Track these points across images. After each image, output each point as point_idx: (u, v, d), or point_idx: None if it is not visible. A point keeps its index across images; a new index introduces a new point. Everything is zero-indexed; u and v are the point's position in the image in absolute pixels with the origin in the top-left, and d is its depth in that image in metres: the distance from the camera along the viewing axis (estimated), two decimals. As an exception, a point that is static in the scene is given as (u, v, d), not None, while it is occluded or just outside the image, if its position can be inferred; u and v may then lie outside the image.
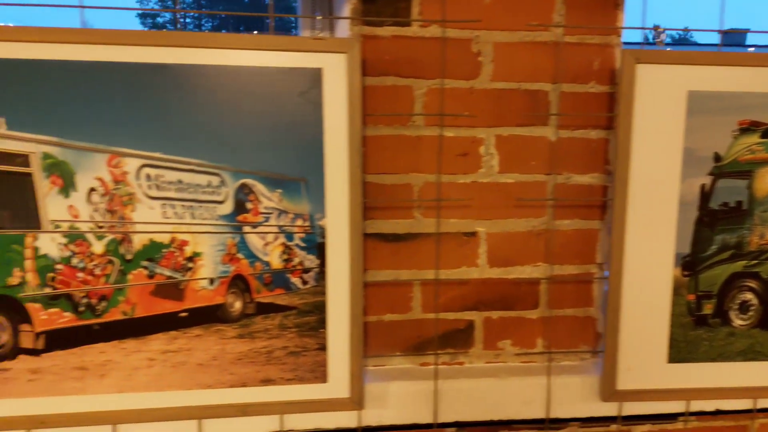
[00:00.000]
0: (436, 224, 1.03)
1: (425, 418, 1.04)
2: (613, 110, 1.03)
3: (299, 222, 0.92)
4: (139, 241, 0.88)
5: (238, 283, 0.92)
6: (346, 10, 0.95)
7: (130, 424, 0.96)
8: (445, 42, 0.97)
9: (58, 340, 0.88)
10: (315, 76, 0.88)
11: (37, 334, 0.87)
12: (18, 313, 0.86)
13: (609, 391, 1.04)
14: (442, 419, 1.05)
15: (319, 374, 0.95)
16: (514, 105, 1.01)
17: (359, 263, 0.93)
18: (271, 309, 0.94)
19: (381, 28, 0.96)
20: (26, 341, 0.87)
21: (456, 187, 1.03)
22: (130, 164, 0.86)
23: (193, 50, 0.84)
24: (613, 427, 1.12)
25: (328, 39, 0.86)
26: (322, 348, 0.95)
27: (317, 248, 0.93)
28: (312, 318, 0.94)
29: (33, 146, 0.83)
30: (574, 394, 1.07)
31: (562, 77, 1.01)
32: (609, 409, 1.09)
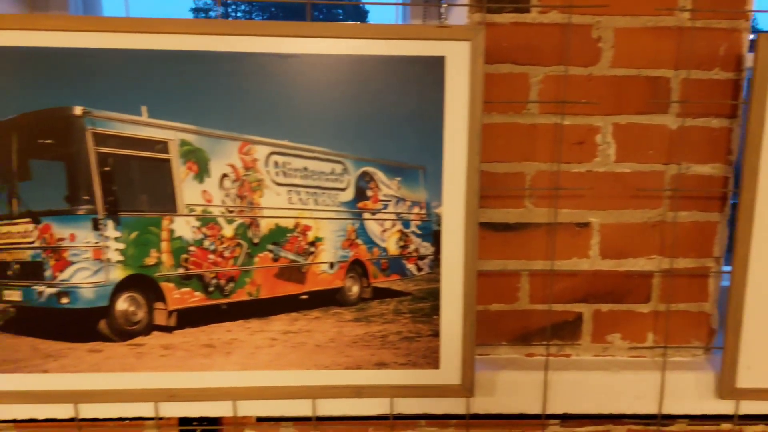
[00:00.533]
0: (549, 214, 1.02)
1: (533, 408, 1.04)
2: (737, 98, 0.98)
3: (416, 209, 0.93)
4: (265, 226, 0.92)
5: (356, 268, 0.95)
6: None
7: (250, 401, 1.00)
8: (568, 28, 0.95)
9: (188, 318, 0.93)
10: (437, 64, 0.88)
11: (170, 312, 0.92)
12: (153, 292, 0.91)
13: (728, 388, 1.00)
14: (549, 410, 1.04)
15: (432, 360, 0.97)
16: (633, 92, 0.98)
17: (474, 252, 0.93)
18: (386, 294, 0.95)
19: (499, 15, 0.95)
20: (160, 318, 0.92)
21: (570, 177, 1.01)
22: (260, 152, 0.89)
23: (319, 40, 0.86)
24: (724, 425, 1.08)
25: (452, 27, 0.86)
26: (435, 334, 0.96)
27: (433, 236, 0.94)
28: (426, 304, 0.95)
29: (172, 133, 0.87)
30: (688, 391, 1.04)
31: (684, 64, 0.97)
32: (722, 407, 1.05)
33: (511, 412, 1.04)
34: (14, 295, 0.90)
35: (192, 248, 0.91)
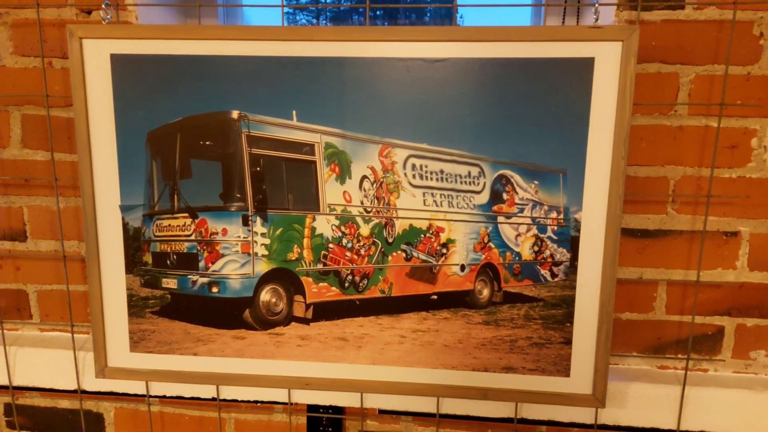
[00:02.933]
0: (693, 221, 0.97)
1: (666, 423, 0.99)
2: None
3: (553, 214, 0.91)
4: (400, 226, 0.94)
5: (487, 271, 0.95)
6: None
7: (378, 395, 1.03)
8: (726, 25, 0.89)
9: (324, 311, 0.97)
10: (585, 66, 0.85)
11: (308, 305, 0.97)
12: (294, 285, 0.96)
13: None
14: (684, 426, 0.99)
15: (562, 368, 0.95)
16: (797, 93, 0.90)
17: (614, 259, 0.90)
18: (517, 299, 0.95)
19: (650, 13, 0.90)
20: (298, 311, 0.97)
21: (720, 182, 0.95)
22: (399, 155, 0.91)
23: (466, 44, 0.86)
24: None
25: (605, 27, 0.83)
26: (567, 342, 0.94)
27: (569, 242, 0.92)
28: (559, 311, 0.93)
29: (318, 137, 0.91)
30: None
31: None
32: None
33: (642, 426, 1.00)
34: (171, 283, 0.98)
35: (331, 245, 0.95)
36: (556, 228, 0.92)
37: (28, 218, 1.10)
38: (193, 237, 0.96)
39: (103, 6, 0.93)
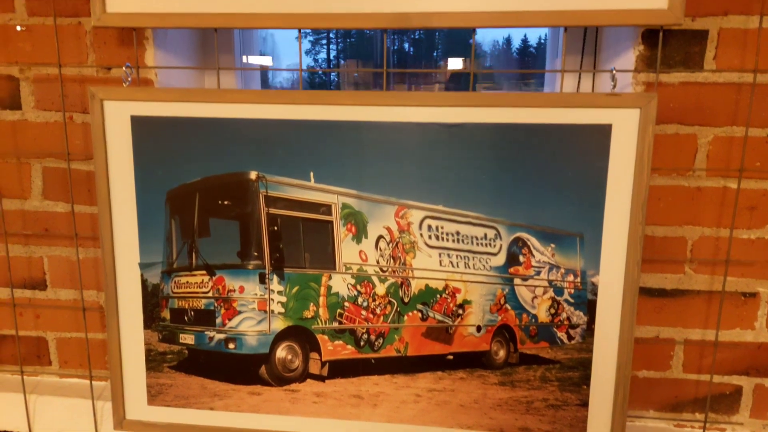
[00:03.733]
0: (711, 281, 0.96)
1: (684, 486, 0.98)
2: None
3: (570, 277, 0.91)
4: (416, 286, 0.94)
5: (503, 333, 0.94)
6: (630, 57, 0.91)
7: (392, 451, 1.03)
8: (752, 89, 0.88)
9: (340, 369, 0.97)
10: (602, 132, 0.85)
11: (323, 363, 0.97)
12: (309, 343, 0.97)
13: None
14: (703, 490, 0.98)
15: (578, 430, 0.94)
16: (819, 157, 0.90)
17: (631, 323, 0.89)
18: (534, 360, 0.94)
19: (668, 75, 0.90)
20: (314, 368, 0.98)
21: (738, 243, 0.94)
22: (415, 216, 0.92)
23: (484, 110, 0.86)
24: None
25: (622, 95, 0.83)
26: (584, 404, 0.93)
27: (586, 305, 0.91)
28: (575, 374, 0.93)
29: (335, 198, 0.92)
30: None
31: None
32: None
33: (660, 488, 0.99)
34: (188, 339, 0.99)
35: (347, 304, 0.95)
36: (573, 291, 0.92)
37: (48, 268, 1.12)
38: (210, 294, 0.97)
39: (124, 68, 0.95)
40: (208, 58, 1.13)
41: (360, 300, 0.95)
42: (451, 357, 0.96)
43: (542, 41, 1.11)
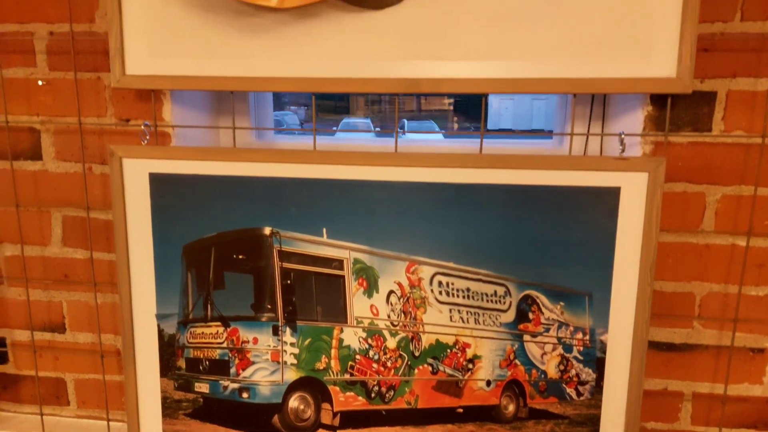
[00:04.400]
0: (719, 336, 0.96)
1: None
2: None
3: (579, 335, 0.92)
4: (426, 340, 0.96)
5: (513, 387, 0.96)
6: (638, 117, 0.92)
7: (402, 498, 1.05)
8: (761, 151, 0.89)
9: (350, 420, 0.99)
10: (611, 194, 0.86)
11: (335, 413, 0.99)
12: (321, 394, 0.99)
13: None
14: None
15: (587, 483, 0.95)
16: (828, 217, 0.90)
17: (639, 381, 0.90)
18: (543, 416, 0.95)
19: (676, 135, 0.91)
20: (326, 418, 0.99)
21: (747, 300, 0.95)
22: (426, 272, 0.93)
23: (490, 171, 0.88)
24: None
25: (631, 159, 0.84)
26: (592, 458, 0.94)
27: (595, 362, 0.92)
28: (584, 429, 0.94)
29: (347, 253, 0.94)
30: None
31: None
32: None
33: None
34: (203, 388, 1.01)
35: (358, 356, 0.97)
36: (582, 348, 0.93)
37: (67, 312, 1.14)
38: (225, 345, 0.99)
39: (142, 126, 0.97)
40: (223, 105, 1.15)
41: (371, 353, 0.97)
42: (461, 410, 0.97)
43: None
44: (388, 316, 0.96)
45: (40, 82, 1.05)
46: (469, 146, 1.13)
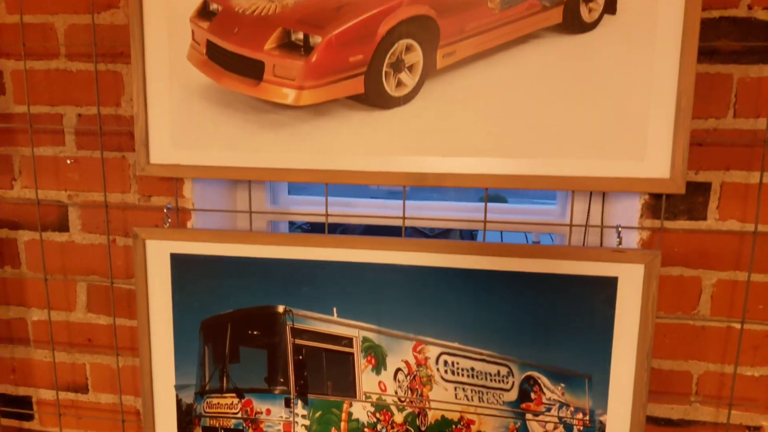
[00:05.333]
0: (717, 413, 0.99)
1: None
2: None
3: (579, 415, 0.96)
4: (432, 416, 1.00)
5: (515, 462, 1.00)
6: (635, 205, 0.96)
7: None
8: (754, 239, 0.93)
9: (359, 488, 1.03)
10: (609, 283, 0.90)
11: (344, 481, 1.03)
12: (331, 462, 1.03)
13: None
14: None
15: None
16: (820, 304, 0.93)
17: (638, 459, 0.93)
18: (545, 489, 0.99)
19: (672, 222, 0.95)
20: (335, 485, 1.04)
21: (743, 380, 0.98)
22: (432, 351, 0.98)
23: (496, 259, 0.92)
24: None
25: (627, 251, 0.88)
26: None
27: (595, 440, 0.96)
28: (584, 503, 0.97)
29: (356, 332, 0.99)
30: None
31: None
32: None
33: None
34: (219, 454, 1.06)
35: (366, 430, 1.01)
36: (582, 428, 0.96)
37: (90, 373, 1.20)
38: (239, 415, 1.04)
39: (165, 210, 1.03)
40: (241, 182, 1.20)
41: (379, 427, 1.01)
42: (465, 482, 1.01)
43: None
44: (396, 393, 1.00)
45: (68, 161, 1.12)
46: (474, 205, 1.18)
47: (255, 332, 1.02)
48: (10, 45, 1.10)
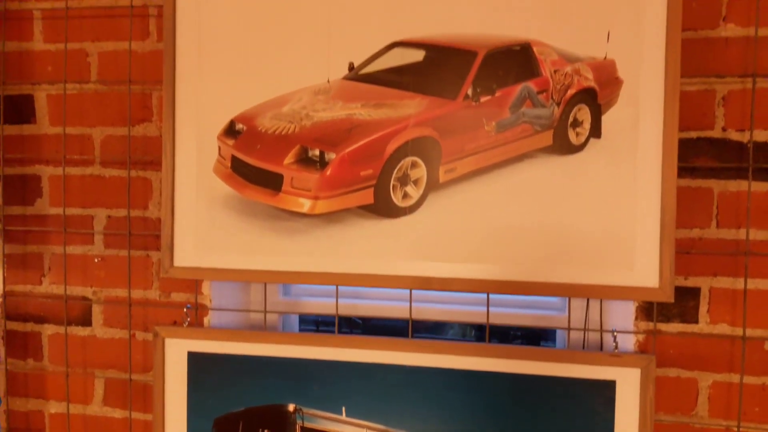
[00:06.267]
0: None
1: None
2: None
3: None
4: None
5: None
6: (630, 309, 1.02)
7: None
8: (743, 342, 0.97)
9: None
10: (607, 386, 0.94)
11: None
12: None
13: None
14: None
15: None
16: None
17: None
18: None
19: (666, 325, 1.00)
20: None
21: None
22: (438, 451, 1.00)
23: (498, 360, 0.97)
24: None
25: (624, 356, 0.93)
26: None
27: None
28: None
29: (364, 431, 1.02)
30: None
31: None
32: None
33: None
34: None
35: None
36: None
37: (102, 466, 1.22)
38: None
39: (185, 309, 1.10)
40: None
41: None
42: None
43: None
44: (403, 492, 1.01)
45: (96, 260, 1.19)
46: (478, 297, 1.23)
47: (266, 431, 1.05)
48: (50, 153, 1.21)
